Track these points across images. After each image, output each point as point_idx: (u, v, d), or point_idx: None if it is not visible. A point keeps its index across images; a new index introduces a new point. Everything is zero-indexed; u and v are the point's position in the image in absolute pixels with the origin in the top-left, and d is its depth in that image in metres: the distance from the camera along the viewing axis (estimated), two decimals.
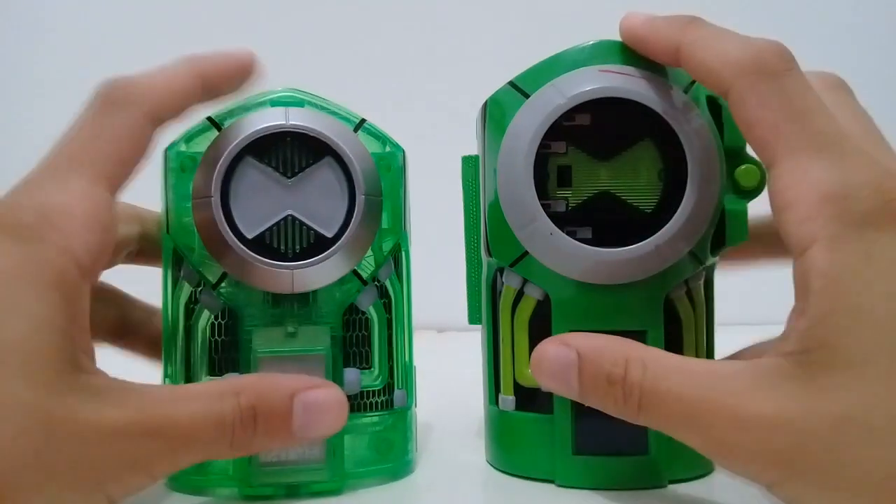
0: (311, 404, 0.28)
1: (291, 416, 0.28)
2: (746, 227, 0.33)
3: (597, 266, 0.31)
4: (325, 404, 0.29)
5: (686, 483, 0.32)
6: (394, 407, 0.34)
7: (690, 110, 0.31)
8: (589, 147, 0.32)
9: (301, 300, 0.32)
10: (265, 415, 0.27)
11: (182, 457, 0.26)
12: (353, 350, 0.34)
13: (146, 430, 0.25)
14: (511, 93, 0.33)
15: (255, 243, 0.31)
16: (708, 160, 0.31)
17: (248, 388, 0.28)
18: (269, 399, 0.28)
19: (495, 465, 0.35)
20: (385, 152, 0.34)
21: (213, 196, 0.31)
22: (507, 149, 0.32)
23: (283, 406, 0.28)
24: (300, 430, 0.28)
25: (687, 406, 0.26)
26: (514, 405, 0.34)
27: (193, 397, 0.27)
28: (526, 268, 0.33)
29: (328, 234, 0.32)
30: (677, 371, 0.27)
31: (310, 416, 0.28)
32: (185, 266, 0.33)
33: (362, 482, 0.33)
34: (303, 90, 0.33)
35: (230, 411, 0.27)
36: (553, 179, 0.32)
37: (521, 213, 0.32)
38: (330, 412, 0.29)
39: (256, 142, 0.31)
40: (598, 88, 0.31)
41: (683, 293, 0.33)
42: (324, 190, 0.32)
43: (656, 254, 0.31)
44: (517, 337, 0.33)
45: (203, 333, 0.33)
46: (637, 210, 0.32)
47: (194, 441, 0.26)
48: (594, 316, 0.32)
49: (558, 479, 0.32)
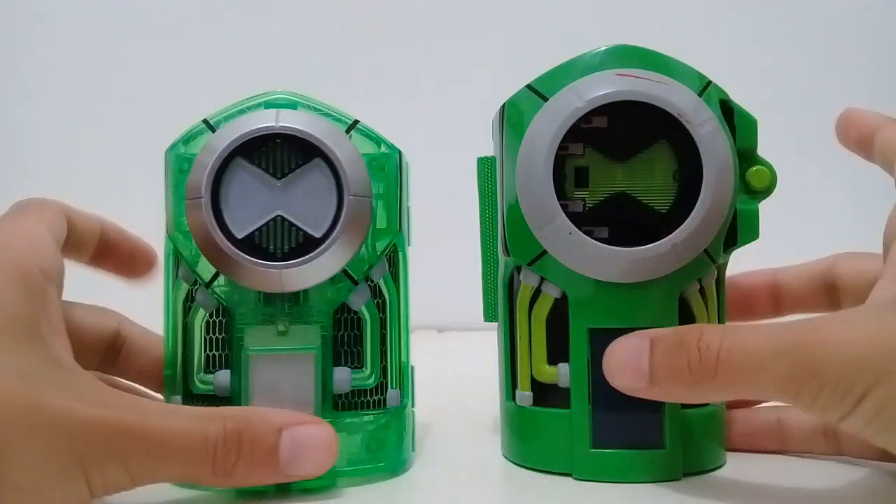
0: (300, 440, 0.29)
1: (278, 450, 0.28)
2: (758, 227, 0.34)
3: (614, 265, 0.32)
4: (315, 440, 0.29)
5: (700, 476, 0.33)
6: (387, 406, 0.34)
7: (704, 113, 0.32)
8: (605, 148, 0.33)
9: (292, 299, 0.33)
10: (250, 442, 0.28)
11: (162, 466, 0.27)
12: (345, 349, 0.34)
13: (126, 428, 0.26)
14: (529, 96, 0.33)
15: (245, 243, 0.32)
16: (722, 161, 0.32)
17: (238, 415, 0.28)
18: (257, 427, 0.28)
19: (513, 460, 0.36)
20: (379, 153, 0.34)
21: (203, 197, 0.31)
22: (526, 150, 0.33)
23: (269, 436, 0.28)
24: (286, 465, 0.28)
25: (775, 343, 0.27)
26: (532, 401, 0.34)
27: (180, 413, 0.28)
28: (544, 266, 0.33)
29: (316, 234, 0.32)
30: (754, 328, 0.28)
31: (297, 452, 0.28)
32: (182, 265, 0.33)
33: (355, 480, 0.33)
34: (298, 92, 0.34)
35: (214, 432, 0.27)
36: (570, 180, 0.33)
37: (540, 213, 0.32)
38: (319, 449, 0.29)
39: (247, 143, 0.32)
40: (615, 92, 0.32)
41: (697, 291, 0.34)
42: (313, 191, 0.32)
43: (673, 253, 0.32)
44: (535, 334, 0.34)
45: (199, 331, 0.33)
46: (652, 210, 0.33)
47: (174, 453, 0.27)
48: (610, 313, 0.33)
49: (576, 473, 0.33)
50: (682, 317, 0.33)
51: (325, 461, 0.29)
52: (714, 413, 0.34)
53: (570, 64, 0.33)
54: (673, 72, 0.33)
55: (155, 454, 0.26)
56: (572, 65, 0.33)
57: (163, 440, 0.27)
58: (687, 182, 0.32)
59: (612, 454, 0.33)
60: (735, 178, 0.33)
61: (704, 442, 0.34)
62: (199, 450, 0.27)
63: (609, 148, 0.33)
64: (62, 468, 0.25)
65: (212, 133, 0.33)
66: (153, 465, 0.27)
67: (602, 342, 0.32)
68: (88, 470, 0.26)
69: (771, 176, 0.34)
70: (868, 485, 0.33)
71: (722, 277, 0.35)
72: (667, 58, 0.34)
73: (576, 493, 0.32)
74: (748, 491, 0.32)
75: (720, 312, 0.35)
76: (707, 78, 0.34)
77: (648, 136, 0.33)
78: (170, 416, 0.27)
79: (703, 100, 0.33)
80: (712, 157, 0.32)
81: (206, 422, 0.27)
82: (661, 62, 0.33)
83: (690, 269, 0.33)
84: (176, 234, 0.33)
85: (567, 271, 0.33)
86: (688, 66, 0.34)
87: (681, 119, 0.32)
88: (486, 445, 0.38)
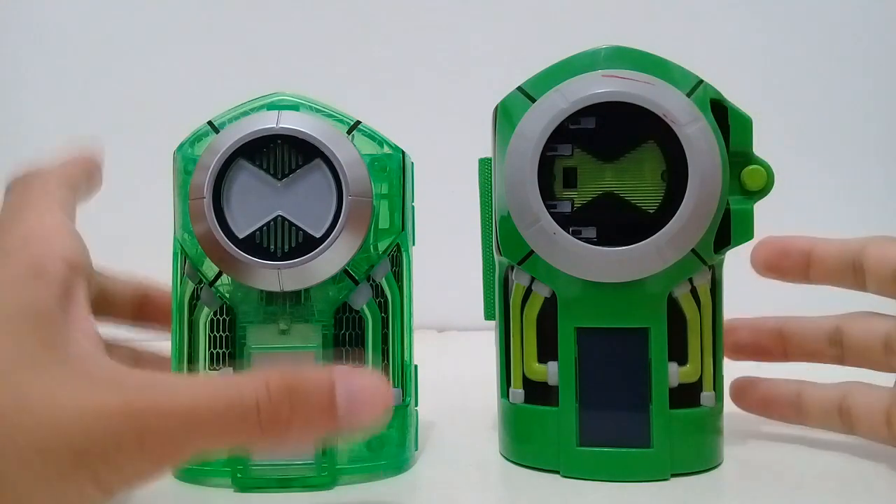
0: (355, 390, 0.26)
1: (335, 402, 0.26)
2: (752, 228, 0.34)
3: (598, 264, 0.32)
4: (370, 389, 0.26)
5: (688, 476, 0.33)
6: None
7: (692, 112, 0.32)
8: (594, 149, 0.33)
9: (294, 298, 0.34)
10: (304, 396, 0.25)
11: (191, 443, 0.24)
12: (347, 348, 0.34)
13: (135, 413, 0.24)
14: (519, 97, 0.34)
15: (246, 243, 0.33)
16: (709, 161, 0.32)
17: (282, 372, 0.26)
18: (308, 379, 0.26)
19: (507, 457, 0.36)
20: (381, 154, 0.35)
21: (205, 197, 0.32)
22: (514, 151, 0.33)
23: (324, 388, 0.26)
24: (344, 417, 0.26)
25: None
26: (524, 398, 0.35)
27: (205, 383, 0.26)
28: (533, 266, 0.34)
29: (316, 234, 0.33)
30: None
31: (353, 402, 0.26)
32: (187, 263, 0.35)
33: (356, 478, 0.33)
34: (301, 94, 0.35)
35: (251, 392, 0.25)
36: (559, 181, 0.33)
37: (527, 213, 0.33)
38: (375, 398, 0.26)
39: (248, 144, 0.33)
40: (600, 93, 0.32)
41: (688, 292, 0.34)
42: (313, 191, 0.33)
43: (657, 253, 0.32)
44: (526, 332, 0.35)
45: (203, 328, 0.34)
46: (640, 210, 0.33)
47: (204, 426, 0.24)
48: (598, 313, 0.33)
49: (563, 470, 0.33)
50: (673, 317, 0.33)
51: (381, 411, 0.26)
52: (707, 414, 0.34)
53: (559, 66, 0.34)
54: (663, 72, 0.33)
55: (178, 433, 0.24)
56: (561, 66, 0.34)
57: (187, 415, 0.24)
58: (675, 182, 0.32)
59: (598, 453, 0.33)
60: (724, 178, 0.33)
61: (696, 442, 0.34)
62: (238, 416, 0.24)
63: (597, 148, 0.33)
64: (60, 469, 0.23)
65: (216, 134, 0.34)
66: (179, 445, 0.24)
67: (590, 341, 0.32)
68: (94, 467, 0.23)
69: (767, 176, 0.34)
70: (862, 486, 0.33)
71: (717, 278, 0.35)
72: (657, 58, 0.34)
73: (562, 490, 0.32)
74: (735, 492, 0.32)
75: (715, 314, 0.35)
76: (698, 78, 0.33)
77: (637, 137, 0.33)
78: (193, 388, 0.25)
79: (692, 100, 0.33)
80: (698, 157, 0.32)
81: (239, 386, 0.25)
82: (652, 63, 0.33)
83: (679, 269, 0.33)
84: (182, 233, 0.34)
85: (555, 271, 0.33)
86: (679, 67, 0.34)
87: (666, 119, 0.32)
88: (485, 444, 0.38)
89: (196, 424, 0.24)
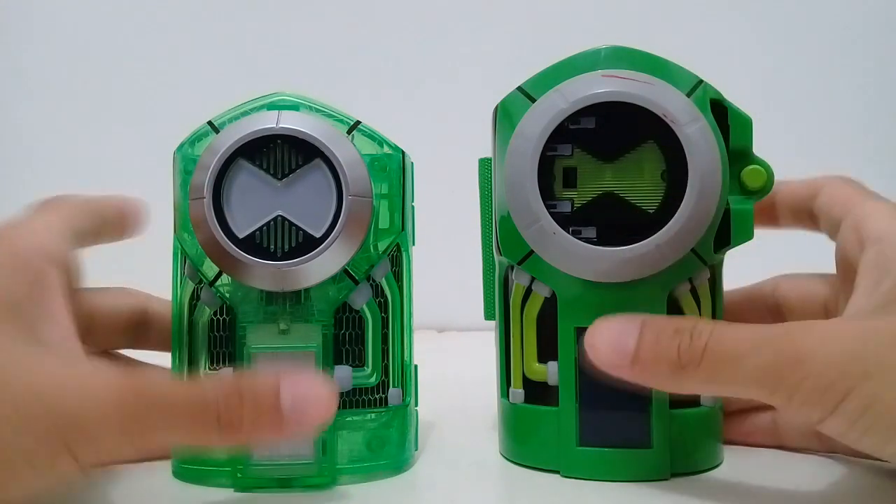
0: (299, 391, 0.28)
1: (280, 401, 0.27)
2: (752, 227, 0.34)
3: (598, 264, 0.32)
4: (312, 389, 0.28)
5: (688, 476, 0.33)
6: (388, 405, 0.35)
7: (692, 112, 0.32)
8: (594, 149, 0.33)
9: (294, 298, 0.34)
10: (251, 397, 0.27)
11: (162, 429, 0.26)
12: (347, 348, 0.34)
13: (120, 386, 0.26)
14: (519, 97, 0.34)
15: (246, 242, 0.33)
16: (709, 161, 0.32)
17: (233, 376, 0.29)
18: (254, 382, 0.28)
19: (507, 457, 0.36)
20: (381, 154, 0.35)
21: (205, 197, 0.32)
22: (514, 151, 0.33)
23: (269, 389, 0.28)
24: (290, 416, 0.27)
25: (762, 333, 0.27)
26: (524, 398, 0.35)
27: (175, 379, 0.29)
28: (533, 266, 0.34)
29: (316, 234, 0.33)
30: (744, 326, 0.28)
31: (298, 402, 0.28)
32: (187, 263, 0.35)
33: (356, 478, 0.33)
34: (302, 94, 0.35)
35: (211, 390, 0.27)
36: (559, 181, 0.33)
37: (526, 213, 0.33)
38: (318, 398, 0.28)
39: (248, 144, 0.33)
40: (599, 93, 0.32)
41: (688, 291, 0.34)
42: (313, 191, 0.33)
43: (657, 253, 0.32)
44: (526, 332, 0.35)
45: (203, 328, 0.34)
46: (640, 210, 0.33)
47: (175, 416, 0.26)
48: (598, 312, 0.32)
49: (563, 470, 0.33)
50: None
51: (325, 415, 0.28)
52: (707, 413, 0.34)
53: (559, 65, 0.34)
54: (663, 72, 0.33)
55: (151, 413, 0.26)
56: (561, 66, 0.34)
57: (163, 403, 0.26)
58: (675, 182, 0.32)
59: (598, 452, 0.33)
60: (723, 178, 0.33)
61: (697, 442, 0.34)
62: (201, 411, 0.26)
63: (597, 148, 0.33)
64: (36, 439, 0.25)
65: (216, 134, 0.34)
66: (152, 426, 0.26)
67: None
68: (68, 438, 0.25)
69: (767, 176, 0.34)
70: (861, 485, 0.33)
71: (717, 278, 0.35)
72: (657, 58, 0.34)
73: (562, 491, 0.32)
74: (735, 492, 0.32)
75: (715, 313, 0.35)
76: (698, 78, 0.33)
77: (636, 137, 0.33)
78: (166, 381, 0.27)
79: (692, 100, 0.33)
80: (698, 156, 0.32)
81: (201, 384, 0.28)
82: (652, 63, 0.33)
83: (679, 268, 0.33)
84: (182, 233, 0.34)
85: (555, 270, 0.33)
86: (679, 67, 0.34)
87: (665, 119, 0.32)
88: (485, 444, 0.38)
89: (171, 415, 0.26)
